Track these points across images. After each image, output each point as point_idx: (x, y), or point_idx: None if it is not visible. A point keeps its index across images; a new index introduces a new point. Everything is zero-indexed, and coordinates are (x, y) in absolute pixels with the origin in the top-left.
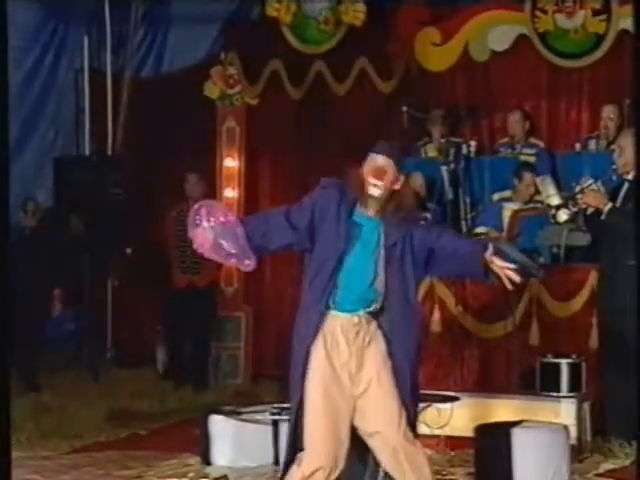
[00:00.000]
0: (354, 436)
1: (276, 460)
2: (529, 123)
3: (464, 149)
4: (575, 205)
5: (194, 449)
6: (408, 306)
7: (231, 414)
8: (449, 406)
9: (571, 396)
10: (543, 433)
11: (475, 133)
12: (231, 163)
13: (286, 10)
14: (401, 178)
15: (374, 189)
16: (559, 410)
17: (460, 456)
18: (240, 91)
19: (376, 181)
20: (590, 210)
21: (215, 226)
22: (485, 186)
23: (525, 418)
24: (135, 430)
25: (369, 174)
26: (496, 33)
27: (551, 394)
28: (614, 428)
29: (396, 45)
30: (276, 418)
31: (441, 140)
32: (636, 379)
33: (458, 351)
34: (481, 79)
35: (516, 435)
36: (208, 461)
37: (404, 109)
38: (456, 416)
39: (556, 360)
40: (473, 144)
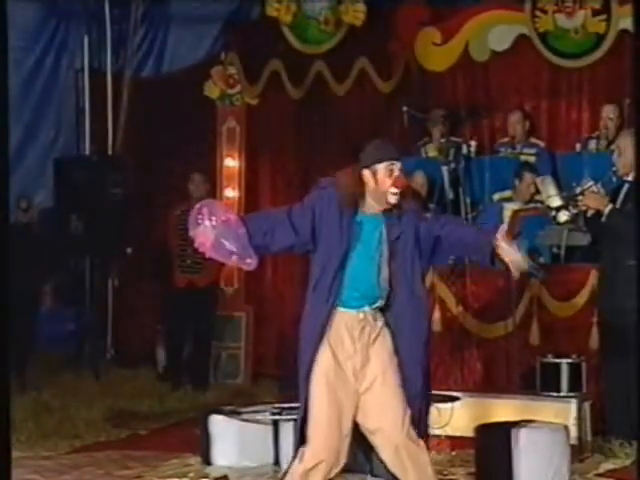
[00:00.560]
0: (358, 432)
1: (276, 460)
2: (529, 123)
3: (464, 149)
4: (575, 207)
5: (194, 449)
6: (415, 299)
7: (231, 414)
8: (449, 406)
9: (571, 396)
10: (543, 433)
11: (475, 133)
12: (231, 163)
13: (286, 10)
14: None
15: (393, 197)
16: (559, 410)
17: (461, 456)
18: (240, 91)
19: (397, 190)
20: (590, 212)
21: (217, 225)
22: (485, 186)
23: (525, 418)
24: (135, 430)
25: (391, 184)
26: (496, 33)
27: (551, 394)
28: (614, 428)
29: (396, 45)
30: (276, 418)
31: (441, 140)
32: (636, 379)
33: (458, 351)
34: (481, 79)
35: (516, 435)
36: (208, 461)
37: (404, 109)
38: (456, 416)
39: (556, 360)
40: (473, 144)
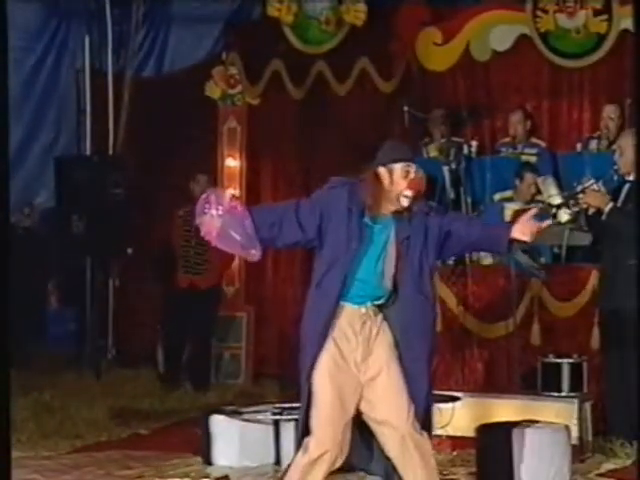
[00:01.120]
0: (361, 424)
1: (277, 460)
2: (530, 123)
3: (465, 149)
4: (576, 205)
5: (195, 449)
6: (422, 298)
7: (232, 414)
8: (450, 406)
9: (572, 396)
10: (544, 433)
11: (476, 133)
12: (232, 163)
13: (287, 10)
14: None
15: (405, 200)
16: (560, 410)
17: (461, 456)
18: (241, 91)
19: (411, 192)
20: (591, 210)
21: (223, 214)
22: (486, 186)
23: (526, 418)
24: (136, 430)
25: (406, 186)
26: (497, 33)
27: (552, 394)
28: (615, 428)
29: (397, 45)
30: (277, 418)
31: (442, 140)
32: (637, 379)
33: (459, 351)
34: (482, 79)
35: (517, 435)
36: (209, 461)
37: (405, 109)
38: (457, 416)
39: (557, 360)
40: (474, 144)
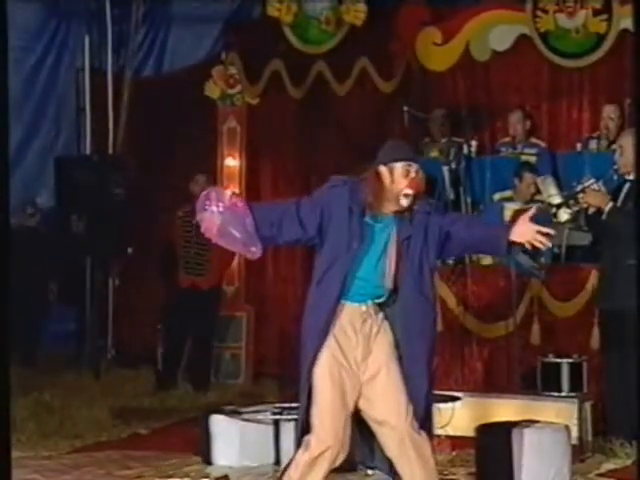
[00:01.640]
0: (359, 424)
1: (277, 460)
2: (530, 123)
3: (465, 149)
4: (576, 204)
5: (195, 449)
6: (422, 298)
7: (232, 414)
8: (450, 406)
9: (572, 396)
10: (544, 433)
11: (476, 133)
12: (232, 163)
13: (287, 10)
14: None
15: (405, 200)
16: (560, 410)
17: (461, 456)
18: (241, 91)
19: (411, 191)
20: (591, 210)
21: (224, 211)
22: (486, 186)
23: (526, 418)
24: (136, 430)
25: (406, 185)
26: (497, 33)
27: (552, 394)
28: (615, 428)
29: (397, 45)
30: (277, 418)
31: (442, 140)
32: (637, 379)
33: (459, 351)
34: (482, 79)
35: (517, 435)
36: (209, 461)
37: (405, 109)
38: (457, 416)
39: (557, 360)
40: (474, 144)
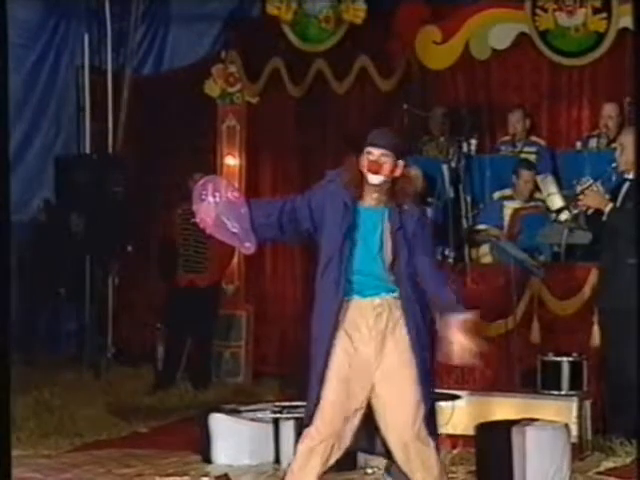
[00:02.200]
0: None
1: (277, 459)
2: (530, 121)
3: (465, 147)
4: (576, 207)
5: (195, 447)
6: (419, 292)
7: (232, 412)
8: (450, 404)
9: (572, 394)
10: (544, 431)
11: (476, 131)
12: (232, 161)
13: (287, 8)
14: (400, 164)
15: (372, 178)
16: (560, 408)
17: (461, 454)
18: (241, 89)
19: (372, 175)
20: (591, 210)
21: (220, 202)
22: (486, 184)
23: (526, 416)
24: (136, 428)
25: (365, 168)
26: (497, 31)
27: (552, 392)
28: (615, 426)
29: (397, 43)
30: (277, 416)
31: (442, 138)
32: (637, 377)
33: None
34: (482, 77)
35: (517, 433)
36: (209, 459)
37: (405, 107)
38: (457, 414)
39: (557, 358)
40: (474, 142)
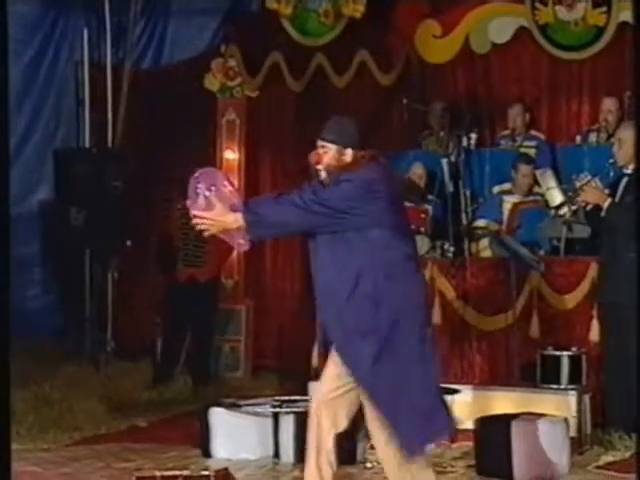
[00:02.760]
0: None
1: (276, 453)
2: (529, 115)
3: (464, 142)
4: (574, 204)
5: (194, 441)
6: None
7: (231, 407)
8: (449, 398)
9: (571, 388)
10: (543, 425)
11: (475, 125)
12: (231, 155)
13: (286, 2)
14: (347, 152)
15: (320, 173)
16: (559, 402)
17: (461, 448)
18: (240, 83)
19: (317, 167)
20: (590, 206)
21: (215, 197)
22: (485, 179)
23: (525, 410)
24: (135, 422)
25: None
26: (496, 25)
27: (551, 386)
28: (614, 420)
29: (396, 38)
30: (276, 411)
31: (441, 133)
32: (636, 371)
33: (458, 343)
34: (481, 71)
35: (516, 427)
36: (208, 454)
37: (404, 101)
38: (457, 408)
39: (556, 352)
40: (473, 137)
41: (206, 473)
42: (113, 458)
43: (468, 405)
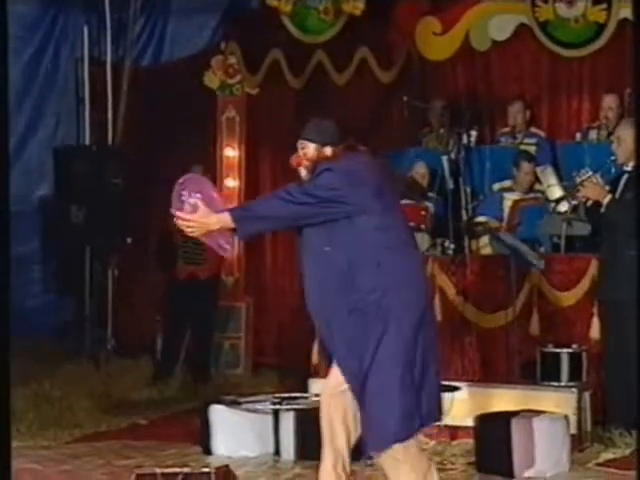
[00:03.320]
0: None
1: (277, 450)
2: (530, 113)
3: (464, 139)
4: (574, 199)
5: (194, 439)
6: None
7: (231, 404)
8: (450, 396)
9: (571, 386)
10: (543, 422)
11: (475, 123)
12: (231, 153)
13: (286, 0)
14: (326, 149)
15: (301, 172)
16: (559, 400)
17: (460, 446)
18: (240, 81)
19: (298, 168)
20: (590, 202)
21: (200, 202)
22: (485, 176)
23: (525, 408)
24: (135, 420)
25: None
26: (496, 22)
27: (551, 384)
28: (614, 417)
29: (397, 35)
30: (277, 408)
31: (441, 130)
32: (636, 369)
33: (458, 341)
34: (482, 69)
35: (516, 425)
36: (208, 451)
37: (404, 99)
38: (457, 406)
39: (556, 350)
40: (474, 134)
41: (207, 470)
42: (113, 455)
43: (468, 402)
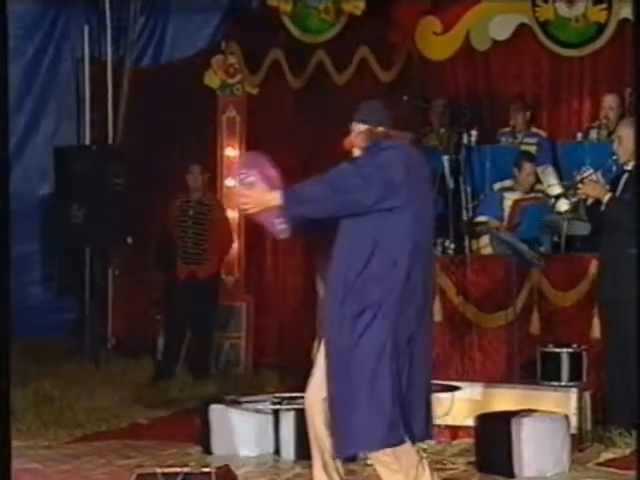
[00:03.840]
0: None
1: (277, 450)
2: (530, 112)
3: (465, 138)
4: (575, 196)
5: (195, 438)
6: None
7: (232, 404)
8: (450, 395)
9: (572, 385)
10: (543, 422)
11: (476, 122)
12: (232, 152)
13: None
14: (379, 130)
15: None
16: (560, 399)
17: (461, 445)
18: (241, 80)
19: (351, 149)
20: (590, 200)
21: (257, 181)
22: (486, 175)
23: (526, 407)
24: (136, 419)
25: None
26: (497, 22)
27: (552, 383)
28: (615, 417)
29: (397, 34)
30: (277, 407)
31: (442, 129)
32: (637, 368)
33: (459, 340)
34: (482, 68)
35: (517, 424)
36: (209, 450)
37: (405, 98)
38: (457, 405)
39: (557, 349)
40: (474, 133)
41: (207, 470)
42: (114, 455)
43: (468, 402)
